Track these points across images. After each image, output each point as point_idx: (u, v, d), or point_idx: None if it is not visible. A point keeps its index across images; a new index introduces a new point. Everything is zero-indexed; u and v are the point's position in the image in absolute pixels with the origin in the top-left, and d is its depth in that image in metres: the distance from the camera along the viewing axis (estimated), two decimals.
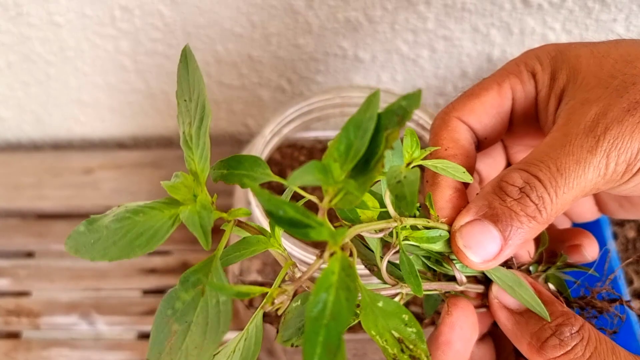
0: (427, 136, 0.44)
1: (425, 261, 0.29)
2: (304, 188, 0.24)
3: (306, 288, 0.25)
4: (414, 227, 0.27)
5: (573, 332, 0.27)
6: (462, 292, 0.29)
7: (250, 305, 0.42)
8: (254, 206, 0.38)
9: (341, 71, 0.59)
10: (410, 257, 0.26)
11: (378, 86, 0.60)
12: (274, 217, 0.19)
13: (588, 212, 0.37)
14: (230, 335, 0.57)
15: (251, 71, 0.59)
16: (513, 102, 0.32)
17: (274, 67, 0.58)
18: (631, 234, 0.50)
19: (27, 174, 0.63)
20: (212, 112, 0.64)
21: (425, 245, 0.27)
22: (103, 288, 0.57)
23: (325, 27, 0.54)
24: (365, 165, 0.22)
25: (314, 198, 0.23)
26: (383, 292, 0.27)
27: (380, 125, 0.22)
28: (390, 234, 0.27)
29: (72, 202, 0.61)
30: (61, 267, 0.58)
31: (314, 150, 0.48)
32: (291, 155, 0.48)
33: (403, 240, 0.27)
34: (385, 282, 0.27)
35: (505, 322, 0.29)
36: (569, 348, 0.27)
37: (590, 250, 0.33)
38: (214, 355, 0.22)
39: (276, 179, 0.23)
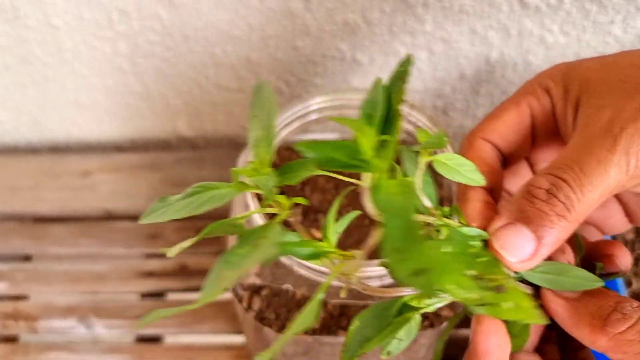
0: None
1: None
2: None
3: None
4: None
5: (635, 306, 0.28)
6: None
7: (249, 308, 0.42)
8: (252, 209, 0.38)
9: (339, 73, 0.59)
10: None
11: None
12: (326, 162, 0.24)
13: (619, 223, 0.38)
14: (231, 338, 0.56)
15: (249, 74, 0.59)
16: (532, 118, 0.35)
17: (272, 70, 0.58)
18: (630, 235, 0.50)
19: (25, 176, 0.63)
20: (212, 114, 0.64)
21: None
22: (101, 291, 0.57)
23: (323, 29, 0.54)
24: (387, 124, 0.26)
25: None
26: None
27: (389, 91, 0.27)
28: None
29: (69, 205, 0.61)
30: (59, 271, 0.57)
31: None
32: (289, 158, 0.47)
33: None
34: None
35: (561, 311, 0.30)
36: (634, 321, 0.27)
37: (623, 260, 0.34)
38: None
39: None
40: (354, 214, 0.32)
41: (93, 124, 0.65)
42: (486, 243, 0.29)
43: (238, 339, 0.54)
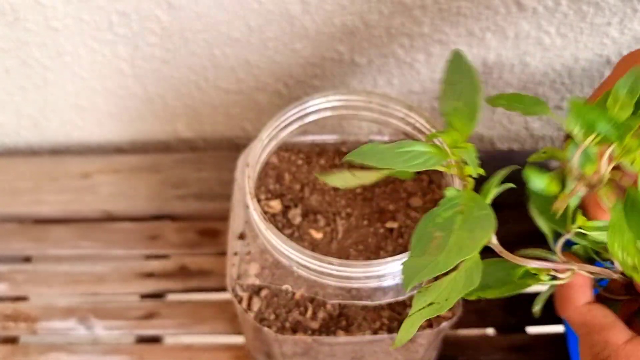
0: (422, 139, 0.44)
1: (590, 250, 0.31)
2: None
3: None
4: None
5: None
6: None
7: (249, 308, 0.42)
8: (252, 210, 0.39)
9: (338, 75, 0.59)
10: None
11: (374, 90, 0.60)
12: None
13: None
14: (231, 338, 0.56)
15: (248, 75, 0.59)
16: None
17: (271, 72, 0.59)
18: None
19: (25, 178, 0.63)
20: (212, 116, 0.64)
21: (593, 234, 0.29)
22: (101, 293, 0.57)
23: (321, 31, 0.55)
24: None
25: None
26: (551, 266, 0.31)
27: None
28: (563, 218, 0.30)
29: (70, 207, 0.61)
30: (59, 272, 0.58)
31: (312, 154, 0.48)
32: (289, 159, 0.48)
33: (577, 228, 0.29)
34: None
35: None
36: None
37: None
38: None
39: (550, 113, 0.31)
40: None
41: (93, 126, 0.65)
42: None
43: (238, 340, 0.54)
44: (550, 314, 0.54)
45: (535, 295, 0.57)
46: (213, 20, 0.53)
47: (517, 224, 0.60)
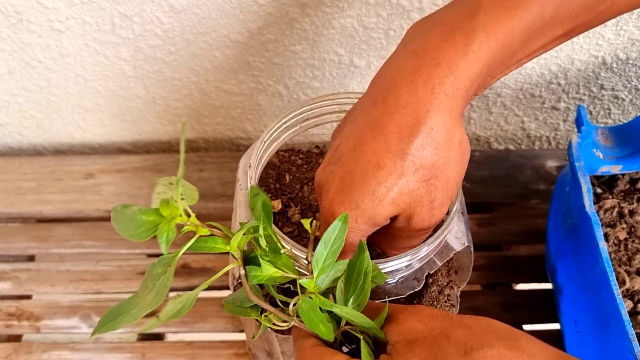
0: None
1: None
2: None
3: None
4: None
5: None
6: None
7: None
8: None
9: (337, 77, 0.60)
10: None
11: None
12: None
13: None
14: (232, 336, 0.57)
15: (249, 77, 0.60)
16: None
17: (271, 73, 0.59)
18: (622, 235, 0.51)
19: (28, 178, 0.63)
20: (211, 117, 0.65)
21: None
22: (103, 291, 0.57)
23: (321, 33, 0.55)
24: None
25: None
26: None
27: None
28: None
29: (72, 207, 0.62)
30: (62, 271, 0.58)
31: (311, 155, 0.49)
32: (289, 159, 0.48)
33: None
34: None
35: None
36: None
37: None
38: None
39: None
40: None
41: (95, 127, 0.66)
42: None
43: (239, 337, 0.55)
44: (547, 312, 0.55)
45: (531, 294, 0.58)
46: (214, 23, 0.54)
47: (512, 224, 0.61)
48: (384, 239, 0.37)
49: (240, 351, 0.53)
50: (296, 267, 0.34)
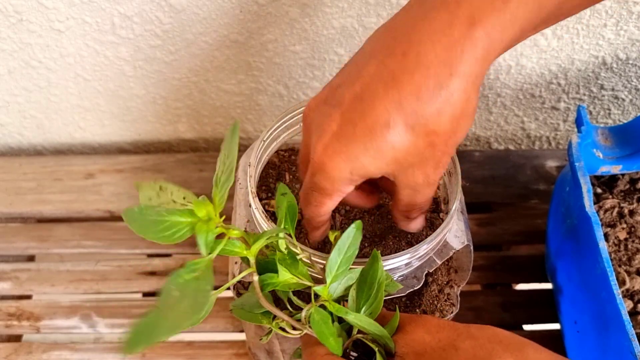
0: None
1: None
2: None
3: None
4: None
5: None
6: None
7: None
8: (254, 209, 0.39)
9: None
10: None
11: None
12: None
13: None
14: (232, 336, 0.57)
15: (249, 77, 0.60)
16: None
17: (271, 73, 0.59)
18: (622, 235, 0.51)
19: (28, 178, 0.63)
20: (211, 117, 0.65)
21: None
22: (103, 291, 0.57)
23: (321, 33, 0.55)
24: None
25: None
26: None
27: None
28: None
29: (72, 207, 0.62)
30: (62, 271, 0.58)
31: None
32: (289, 158, 0.48)
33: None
34: None
35: None
36: None
37: None
38: None
39: None
40: None
41: (95, 127, 0.66)
42: None
43: (239, 337, 0.55)
44: (547, 312, 0.55)
45: (531, 294, 0.58)
46: (214, 23, 0.54)
47: (512, 224, 0.61)
48: (398, 204, 0.36)
49: (240, 351, 0.53)
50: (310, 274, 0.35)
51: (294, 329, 0.33)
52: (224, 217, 0.29)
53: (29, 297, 0.57)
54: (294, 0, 0.52)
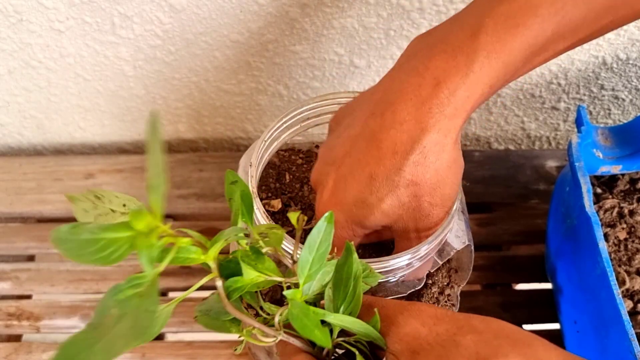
0: None
1: None
2: None
3: None
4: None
5: None
6: None
7: (249, 306, 0.42)
8: (255, 209, 0.39)
9: (337, 77, 0.60)
10: None
11: None
12: None
13: None
14: (232, 335, 0.57)
15: (249, 77, 0.60)
16: None
17: (271, 73, 0.59)
18: (622, 235, 0.51)
19: (28, 178, 0.63)
20: (211, 117, 0.65)
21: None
22: (103, 291, 0.57)
23: (321, 33, 0.55)
24: None
25: None
26: None
27: None
28: None
29: (72, 207, 0.62)
30: (62, 271, 0.58)
31: (312, 154, 0.49)
32: (289, 158, 0.48)
33: None
34: None
35: None
36: None
37: None
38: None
39: None
40: None
41: (95, 127, 0.66)
42: None
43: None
44: (547, 312, 0.55)
45: (531, 294, 0.58)
46: (214, 23, 0.54)
47: (512, 224, 0.61)
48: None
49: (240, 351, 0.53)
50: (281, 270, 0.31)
51: (268, 335, 0.30)
52: (169, 225, 0.25)
53: (29, 297, 0.57)
54: (294, 0, 0.52)
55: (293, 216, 0.32)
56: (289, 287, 0.30)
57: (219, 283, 0.29)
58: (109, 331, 0.24)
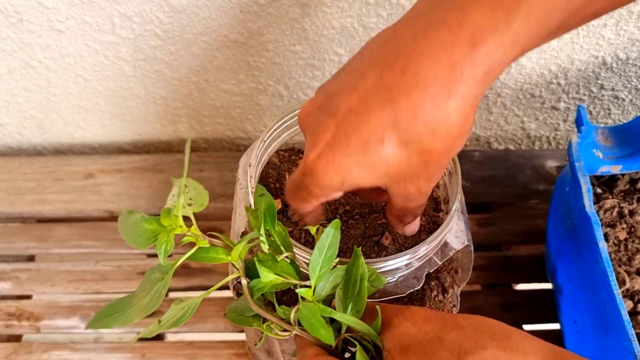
0: None
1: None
2: None
3: None
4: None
5: None
6: None
7: None
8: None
9: None
10: None
11: None
12: None
13: None
14: (232, 336, 0.57)
15: (249, 77, 0.60)
16: None
17: (271, 73, 0.59)
18: (622, 235, 0.51)
19: (28, 178, 0.63)
20: (210, 117, 0.65)
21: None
22: (103, 291, 0.57)
23: (321, 33, 0.55)
24: None
25: None
26: None
27: None
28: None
29: (72, 207, 0.62)
30: (62, 271, 0.58)
31: None
32: (289, 158, 0.48)
33: None
34: None
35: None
36: None
37: None
38: None
39: None
40: None
41: (95, 127, 0.66)
42: None
43: (239, 337, 0.55)
44: (547, 312, 0.55)
45: (531, 294, 0.58)
46: (214, 23, 0.54)
47: (512, 224, 0.61)
48: (391, 210, 0.37)
49: (240, 351, 0.54)
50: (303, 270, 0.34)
51: (285, 330, 0.33)
52: (194, 227, 0.30)
53: (29, 297, 0.57)
54: (294, 0, 0.52)
55: (312, 229, 0.36)
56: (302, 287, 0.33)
57: (244, 282, 0.33)
58: (139, 302, 0.31)
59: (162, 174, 0.63)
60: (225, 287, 0.54)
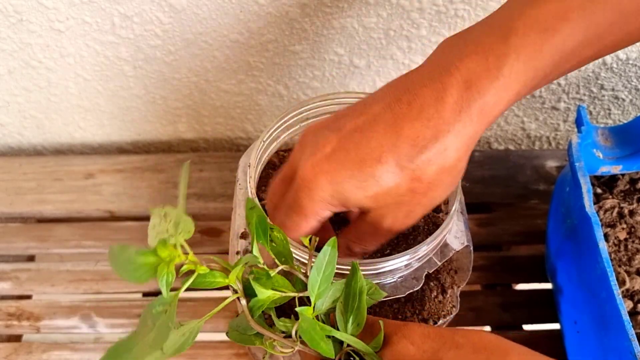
0: None
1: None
2: None
3: None
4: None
5: None
6: None
7: None
8: None
9: (337, 77, 0.60)
10: None
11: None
12: None
13: None
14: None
15: (249, 77, 0.60)
16: None
17: (271, 73, 0.59)
18: (622, 235, 0.51)
19: (28, 178, 0.63)
20: (210, 117, 0.65)
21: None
22: (103, 291, 0.57)
23: (321, 33, 0.55)
24: None
25: None
26: None
27: None
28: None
29: (72, 207, 0.62)
30: (62, 271, 0.58)
31: None
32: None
33: None
34: None
35: None
36: None
37: None
38: None
39: None
40: None
41: (95, 127, 0.66)
42: None
43: None
44: (547, 312, 0.55)
45: (531, 294, 0.58)
46: (214, 23, 0.54)
47: (512, 224, 0.61)
48: (351, 232, 0.38)
49: (240, 351, 0.53)
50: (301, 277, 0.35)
51: (287, 346, 0.33)
52: (191, 254, 0.30)
53: (29, 297, 0.57)
54: (294, 0, 0.52)
55: (305, 240, 0.35)
56: (300, 299, 0.33)
57: (243, 302, 0.33)
58: (143, 339, 0.29)
59: (162, 174, 0.63)
60: (224, 287, 0.54)
